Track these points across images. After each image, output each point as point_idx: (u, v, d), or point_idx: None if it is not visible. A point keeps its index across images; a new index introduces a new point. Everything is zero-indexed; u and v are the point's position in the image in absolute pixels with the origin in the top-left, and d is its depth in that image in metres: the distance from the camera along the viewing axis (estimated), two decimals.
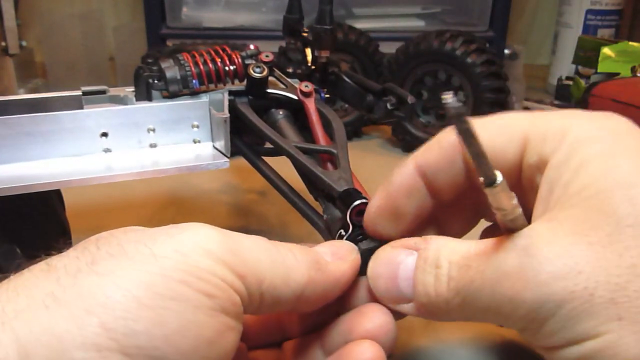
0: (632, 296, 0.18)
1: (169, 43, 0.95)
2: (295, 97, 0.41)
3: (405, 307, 0.24)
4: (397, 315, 0.25)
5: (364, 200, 0.28)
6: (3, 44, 0.81)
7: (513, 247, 0.20)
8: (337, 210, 0.31)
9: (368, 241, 0.28)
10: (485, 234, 0.29)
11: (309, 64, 0.47)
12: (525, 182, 0.24)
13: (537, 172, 0.23)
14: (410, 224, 0.27)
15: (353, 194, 0.29)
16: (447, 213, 0.28)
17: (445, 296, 0.22)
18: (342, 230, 0.29)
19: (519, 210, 0.21)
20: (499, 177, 0.19)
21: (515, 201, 0.20)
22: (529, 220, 0.22)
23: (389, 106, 0.41)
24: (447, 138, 0.25)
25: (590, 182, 0.21)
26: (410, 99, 0.40)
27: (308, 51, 0.47)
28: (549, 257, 0.20)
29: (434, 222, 0.28)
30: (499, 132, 0.24)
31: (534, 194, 0.23)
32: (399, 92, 0.41)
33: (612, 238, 0.19)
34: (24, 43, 0.84)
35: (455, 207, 0.28)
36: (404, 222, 0.27)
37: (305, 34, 0.47)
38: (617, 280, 0.19)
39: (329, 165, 0.35)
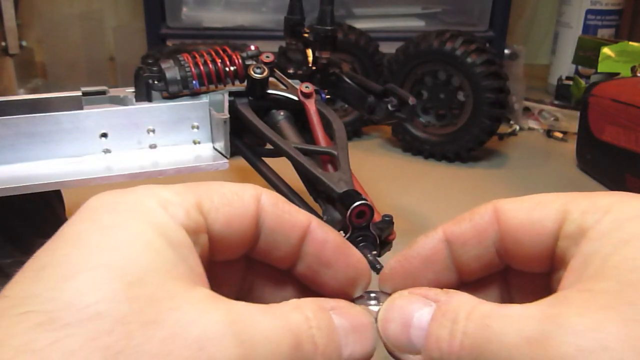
0: None
1: (169, 43, 0.95)
2: (295, 98, 0.41)
3: (412, 359, 0.23)
4: None
5: (363, 202, 0.28)
6: (3, 44, 0.81)
7: (540, 312, 0.19)
8: (336, 212, 0.31)
9: (369, 247, 0.28)
10: None
11: (310, 65, 0.47)
12: (558, 255, 0.23)
13: (572, 244, 0.22)
14: None
15: (353, 195, 0.29)
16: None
17: (457, 354, 0.20)
18: (342, 232, 0.29)
19: None
20: None
21: None
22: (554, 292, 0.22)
23: (390, 107, 0.40)
24: (481, 212, 0.25)
25: (632, 257, 0.20)
26: (412, 100, 0.40)
27: (309, 52, 0.47)
28: (578, 329, 0.18)
29: None
30: (537, 206, 0.24)
31: (564, 267, 0.22)
32: (400, 93, 0.41)
33: None
34: (24, 43, 0.84)
35: (481, 288, 0.27)
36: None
37: (306, 35, 0.47)
38: None
39: (329, 166, 0.35)
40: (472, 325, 0.20)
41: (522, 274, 0.26)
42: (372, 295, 0.26)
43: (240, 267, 0.26)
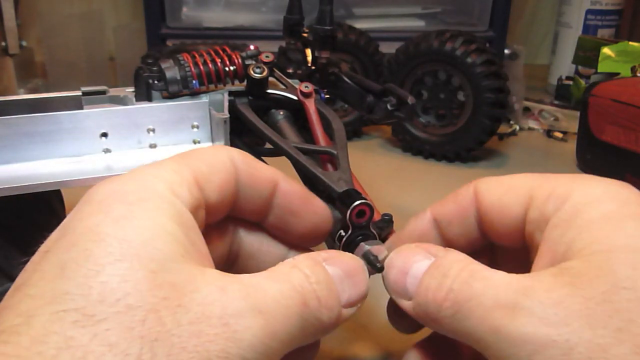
0: None
1: (169, 43, 0.95)
2: (295, 97, 0.41)
3: (405, 303, 0.25)
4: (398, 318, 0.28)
5: (364, 201, 0.28)
6: (3, 44, 0.81)
7: (516, 283, 0.21)
8: (336, 211, 0.31)
9: (369, 242, 0.28)
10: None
11: (309, 65, 0.47)
12: (527, 237, 0.26)
13: (537, 230, 0.24)
14: None
15: (353, 194, 0.29)
16: None
17: (440, 303, 0.23)
18: (342, 231, 0.29)
19: None
20: None
21: None
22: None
23: (389, 107, 0.41)
24: (464, 193, 0.28)
25: (594, 240, 0.21)
26: (411, 100, 0.40)
27: (308, 52, 0.47)
28: (544, 302, 0.20)
29: None
30: (508, 190, 0.26)
31: (534, 249, 0.25)
32: (399, 92, 0.41)
33: (606, 297, 0.20)
34: (24, 43, 0.84)
35: None
36: None
37: (305, 35, 0.47)
38: (600, 340, 0.19)
39: (329, 165, 0.35)
40: (458, 281, 0.23)
41: (504, 247, 0.28)
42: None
43: (229, 233, 0.28)
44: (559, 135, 0.86)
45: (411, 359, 0.28)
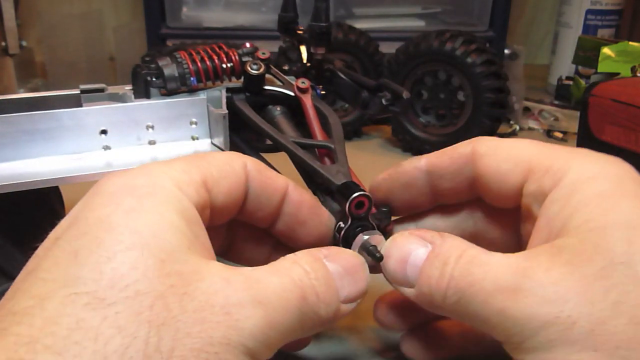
0: (610, 331, 0.20)
1: (169, 43, 0.95)
2: (292, 93, 0.41)
3: (407, 291, 0.25)
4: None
5: (362, 193, 0.28)
6: (3, 44, 0.81)
7: (515, 265, 0.22)
8: (335, 203, 0.31)
9: (368, 232, 0.28)
10: None
11: (304, 62, 0.47)
12: (523, 208, 0.26)
13: (534, 202, 0.25)
14: (402, 210, 0.32)
15: (351, 186, 0.29)
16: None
17: (444, 292, 0.23)
18: (341, 223, 0.30)
19: None
20: None
21: None
22: (524, 247, 0.25)
23: (383, 102, 0.41)
24: (461, 151, 0.28)
25: (591, 218, 0.22)
26: (405, 94, 0.40)
27: (303, 49, 0.47)
28: (544, 281, 0.21)
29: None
30: (507, 157, 0.27)
31: (530, 221, 0.25)
32: (394, 87, 0.41)
33: (604, 273, 0.21)
34: (24, 43, 0.84)
35: (455, 212, 0.31)
36: (397, 206, 0.32)
37: (300, 32, 0.47)
38: (600, 314, 0.20)
39: (327, 159, 0.35)
40: (458, 269, 0.23)
41: (494, 206, 0.29)
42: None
43: (223, 227, 0.29)
44: (559, 135, 0.86)
45: (379, 311, 0.30)
